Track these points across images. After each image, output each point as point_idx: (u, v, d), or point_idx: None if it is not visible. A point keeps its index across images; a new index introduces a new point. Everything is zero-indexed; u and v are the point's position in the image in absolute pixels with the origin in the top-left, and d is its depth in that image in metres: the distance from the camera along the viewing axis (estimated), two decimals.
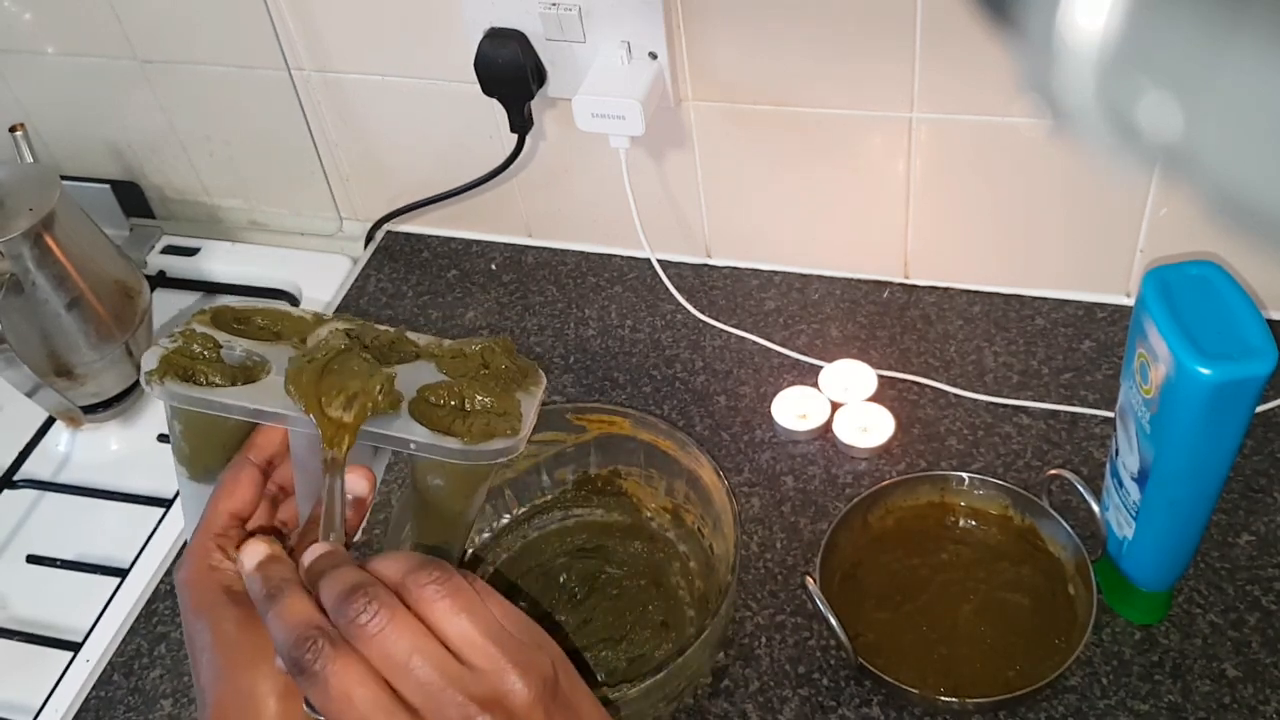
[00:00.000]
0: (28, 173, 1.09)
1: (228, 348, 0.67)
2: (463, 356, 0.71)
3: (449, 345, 0.72)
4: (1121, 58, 0.23)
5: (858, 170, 1.05)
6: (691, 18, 0.98)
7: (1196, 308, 0.70)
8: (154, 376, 0.64)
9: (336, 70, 1.15)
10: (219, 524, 0.65)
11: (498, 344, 0.72)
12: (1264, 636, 0.83)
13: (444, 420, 0.66)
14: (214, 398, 0.64)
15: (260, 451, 0.67)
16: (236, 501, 0.65)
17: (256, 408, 0.64)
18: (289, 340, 0.69)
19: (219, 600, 0.62)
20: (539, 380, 0.71)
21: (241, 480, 0.66)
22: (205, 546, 0.64)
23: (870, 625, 0.86)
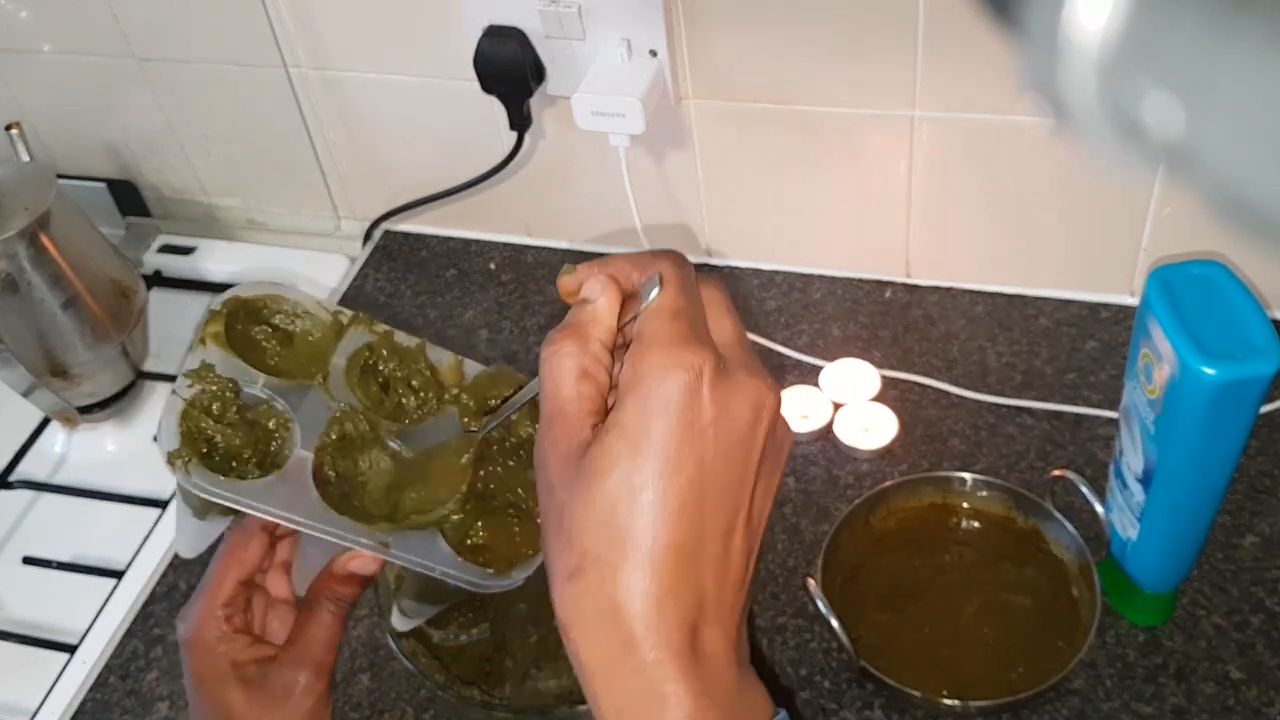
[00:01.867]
0: (24, 171, 1.08)
1: (247, 385, 0.64)
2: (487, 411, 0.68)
3: (472, 384, 0.68)
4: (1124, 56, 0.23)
5: (859, 169, 1.04)
6: (692, 15, 0.97)
7: (1201, 307, 0.70)
8: (179, 460, 0.61)
9: (334, 68, 1.14)
10: (226, 592, 0.64)
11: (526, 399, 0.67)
12: (1268, 639, 0.83)
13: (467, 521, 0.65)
14: (242, 495, 0.61)
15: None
16: (245, 569, 0.65)
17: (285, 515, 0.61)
18: (308, 366, 0.66)
19: (226, 677, 0.63)
20: None
21: (251, 547, 0.66)
22: (212, 614, 0.64)
23: (872, 627, 0.85)
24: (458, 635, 0.89)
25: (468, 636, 0.89)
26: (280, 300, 0.68)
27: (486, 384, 0.69)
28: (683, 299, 0.49)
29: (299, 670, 0.63)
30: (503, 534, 0.65)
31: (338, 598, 0.65)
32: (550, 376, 0.49)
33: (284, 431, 0.64)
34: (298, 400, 0.65)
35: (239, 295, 0.67)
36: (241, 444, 0.63)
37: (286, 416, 0.64)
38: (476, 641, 0.89)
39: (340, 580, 0.65)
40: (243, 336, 0.67)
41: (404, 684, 0.89)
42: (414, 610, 0.74)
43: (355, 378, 0.67)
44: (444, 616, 0.89)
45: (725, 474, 0.47)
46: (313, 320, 0.69)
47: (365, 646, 0.91)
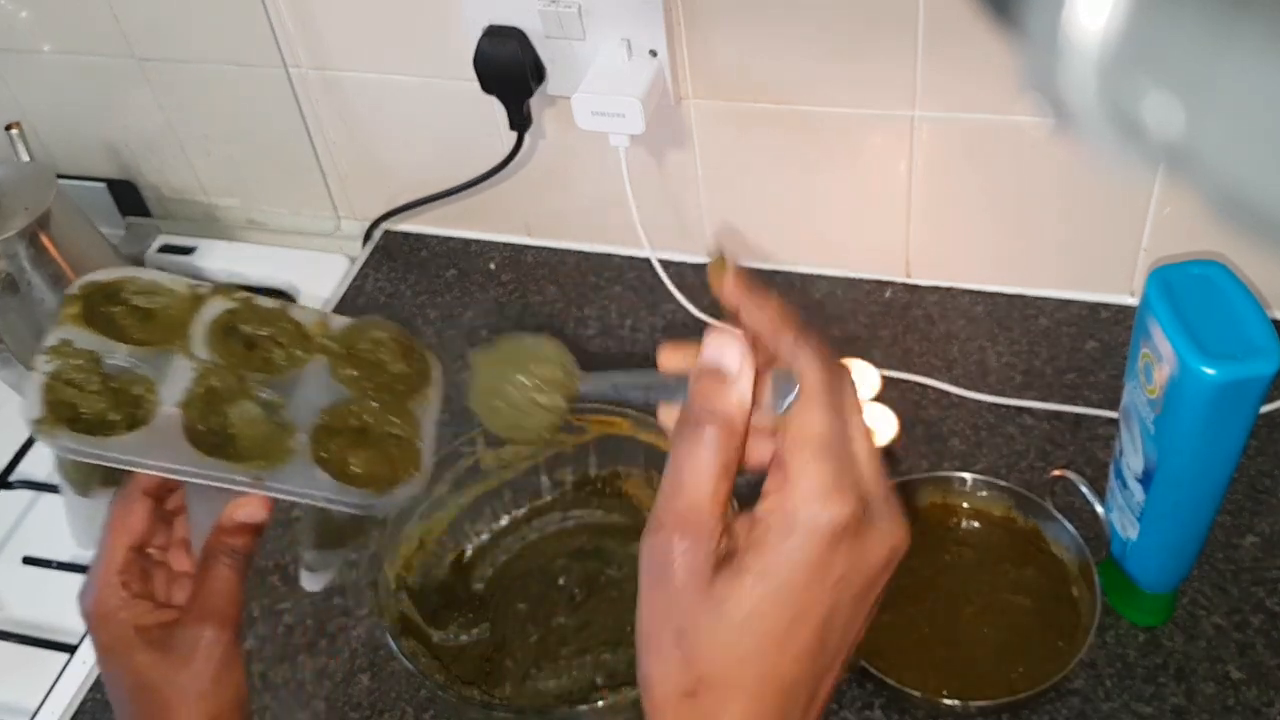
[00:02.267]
0: (24, 171, 1.08)
1: (108, 357, 0.65)
2: (356, 356, 0.70)
3: (339, 334, 0.70)
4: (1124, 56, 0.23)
5: (859, 169, 1.04)
6: (692, 15, 0.98)
7: (1201, 307, 0.70)
8: (43, 428, 0.61)
9: (334, 68, 1.14)
10: (119, 560, 0.65)
11: (392, 339, 0.70)
12: (1268, 638, 0.83)
13: (343, 450, 0.66)
14: (109, 451, 0.62)
15: (151, 479, 0.66)
16: (133, 536, 0.65)
17: (157, 464, 0.63)
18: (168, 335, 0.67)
19: (132, 643, 0.63)
20: (432, 379, 0.71)
21: (135, 512, 0.66)
22: (109, 583, 0.64)
23: (872, 627, 0.85)
24: (458, 635, 0.89)
25: (468, 636, 0.89)
26: (135, 281, 0.69)
27: (354, 333, 0.70)
28: (829, 419, 0.47)
29: (202, 626, 0.63)
30: (381, 461, 0.66)
31: (231, 550, 0.65)
32: (690, 468, 0.47)
33: (150, 394, 0.65)
34: (161, 365, 0.65)
35: (94, 279, 0.68)
36: (107, 407, 0.63)
37: (150, 379, 0.65)
38: (476, 641, 0.89)
39: (230, 532, 0.65)
40: (102, 317, 0.67)
41: (404, 684, 0.89)
42: (317, 561, 0.72)
43: (217, 339, 0.67)
44: (443, 617, 0.89)
45: (849, 618, 0.48)
46: (170, 295, 0.69)
47: (365, 647, 0.92)
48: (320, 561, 0.72)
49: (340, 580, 0.96)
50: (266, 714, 0.89)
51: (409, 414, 0.68)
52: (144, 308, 0.68)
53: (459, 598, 0.92)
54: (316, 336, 0.70)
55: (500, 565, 0.94)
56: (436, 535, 0.92)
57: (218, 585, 0.64)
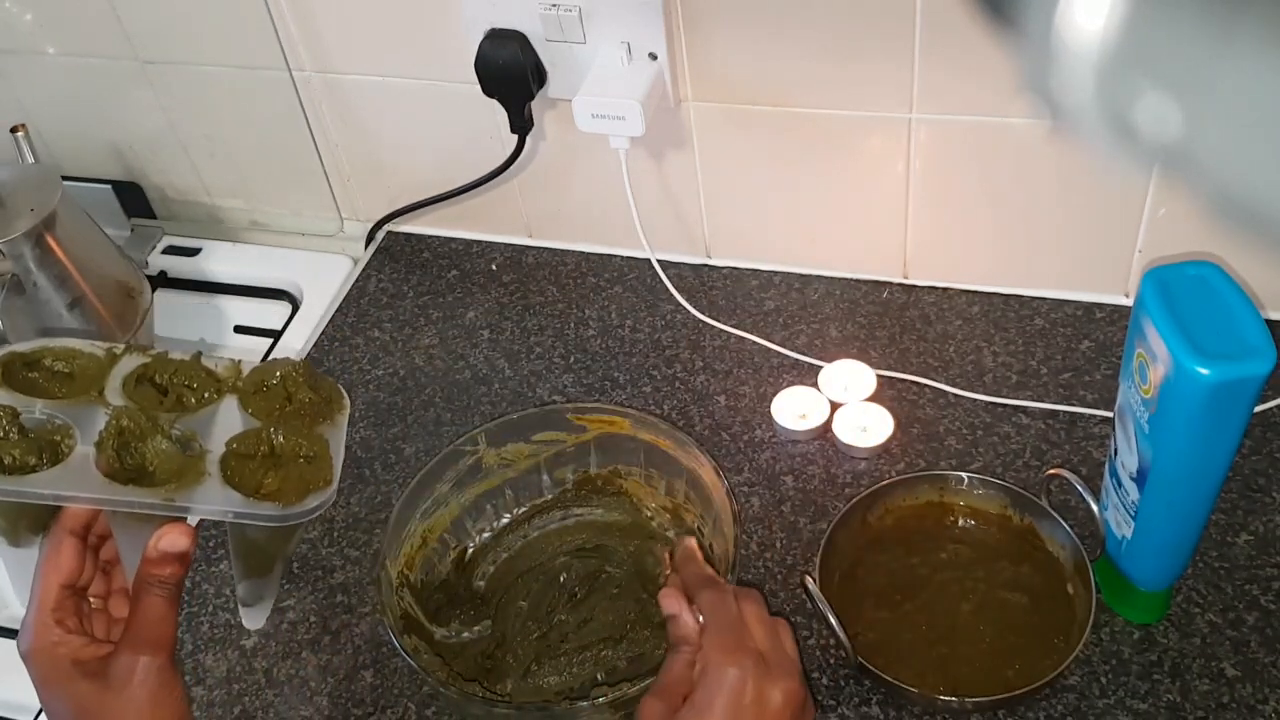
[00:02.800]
0: (29, 173, 1.09)
1: (27, 412, 0.69)
2: (264, 391, 0.74)
3: (249, 375, 0.74)
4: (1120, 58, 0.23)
5: (857, 171, 1.05)
6: (691, 19, 0.98)
7: (1195, 308, 0.70)
8: None
9: (337, 71, 1.15)
10: (52, 599, 0.67)
11: (297, 371, 0.74)
12: (1263, 636, 0.84)
13: (256, 474, 0.70)
14: (29, 488, 0.66)
15: (75, 519, 0.69)
16: (64, 574, 0.68)
17: (71, 494, 0.67)
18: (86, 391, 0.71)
19: (70, 674, 0.66)
20: (343, 405, 0.75)
21: (63, 552, 0.68)
22: (44, 622, 0.67)
23: (870, 624, 0.86)
24: (459, 632, 0.89)
25: (469, 634, 0.89)
26: (51, 349, 0.73)
27: (262, 372, 0.74)
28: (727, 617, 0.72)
29: (138, 652, 0.65)
30: (292, 478, 0.70)
31: (160, 580, 0.67)
32: (675, 670, 0.71)
33: (68, 439, 0.69)
34: (79, 416, 0.69)
35: (13, 349, 0.73)
36: (25, 453, 0.67)
37: (68, 426, 0.69)
38: (478, 639, 0.89)
39: (155, 563, 0.67)
40: (22, 381, 0.71)
41: (406, 680, 0.90)
42: (249, 594, 0.76)
43: (131, 387, 0.71)
44: (444, 614, 0.89)
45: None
46: (87, 358, 0.73)
47: (368, 644, 0.92)
48: (252, 593, 0.76)
49: (344, 577, 0.96)
50: (270, 710, 0.89)
51: (316, 436, 0.72)
52: (62, 371, 0.73)
53: (461, 595, 0.92)
54: (227, 379, 0.74)
55: (502, 563, 0.95)
56: (438, 533, 0.92)
57: (150, 614, 0.67)
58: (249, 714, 0.89)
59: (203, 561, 0.99)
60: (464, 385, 1.11)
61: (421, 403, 1.09)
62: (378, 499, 1.02)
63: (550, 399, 1.08)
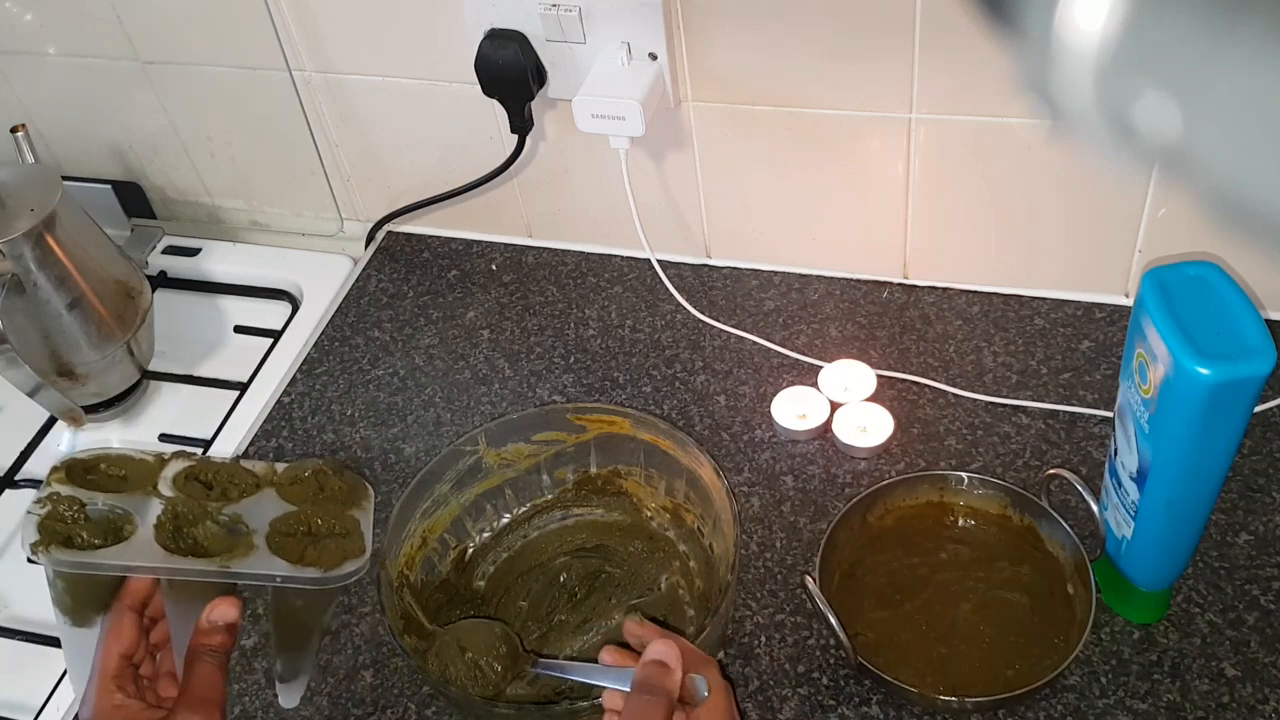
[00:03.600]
0: (29, 173, 1.09)
1: (91, 504, 0.76)
2: (300, 482, 0.81)
3: (283, 471, 0.82)
4: (1120, 58, 0.23)
5: (857, 171, 1.05)
6: (691, 19, 0.98)
7: (1195, 308, 0.70)
8: (40, 547, 0.73)
9: (337, 71, 1.15)
10: (113, 666, 0.73)
11: (327, 465, 0.82)
12: (1263, 636, 0.84)
13: (297, 548, 0.77)
14: (99, 559, 0.74)
15: (134, 596, 0.76)
16: (124, 644, 0.74)
17: (139, 564, 0.74)
18: (141, 487, 0.78)
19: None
20: (368, 494, 0.83)
21: (125, 624, 0.75)
22: (106, 688, 0.73)
23: (869, 624, 0.86)
24: None
25: None
26: (108, 456, 0.80)
27: (295, 468, 0.82)
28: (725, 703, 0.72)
29: (193, 712, 0.71)
30: (330, 550, 0.77)
31: (211, 649, 0.73)
32: None
33: (128, 525, 0.76)
34: (136, 505, 0.77)
35: (74, 456, 0.80)
36: (93, 535, 0.75)
37: (129, 513, 0.77)
38: None
39: (207, 633, 0.74)
40: (83, 483, 0.78)
41: (406, 680, 0.90)
42: (287, 668, 0.82)
43: (181, 483, 0.79)
44: (445, 614, 0.89)
45: None
46: (137, 463, 0.81)
47: (368, 643, 0.92)
48: (290, 669, 0.82)
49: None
50: (270, 710, 0.89)
51: (348, 517, 0.80)
52: (117, 475, 0.80)
53: (461, 595, 0.92)
54: (265, 476, 0.82)
55: (502, 563, 0.95)
56: (439, 533, 0.92)
57: (202, 678, 0.72)
58: (249, 714, 0.89)
59: None
60: (464, 385, 1.11)
61: (421, 403, 1.09)
62: (378, 499, 1.01)
63: (550, 399, 1.08)
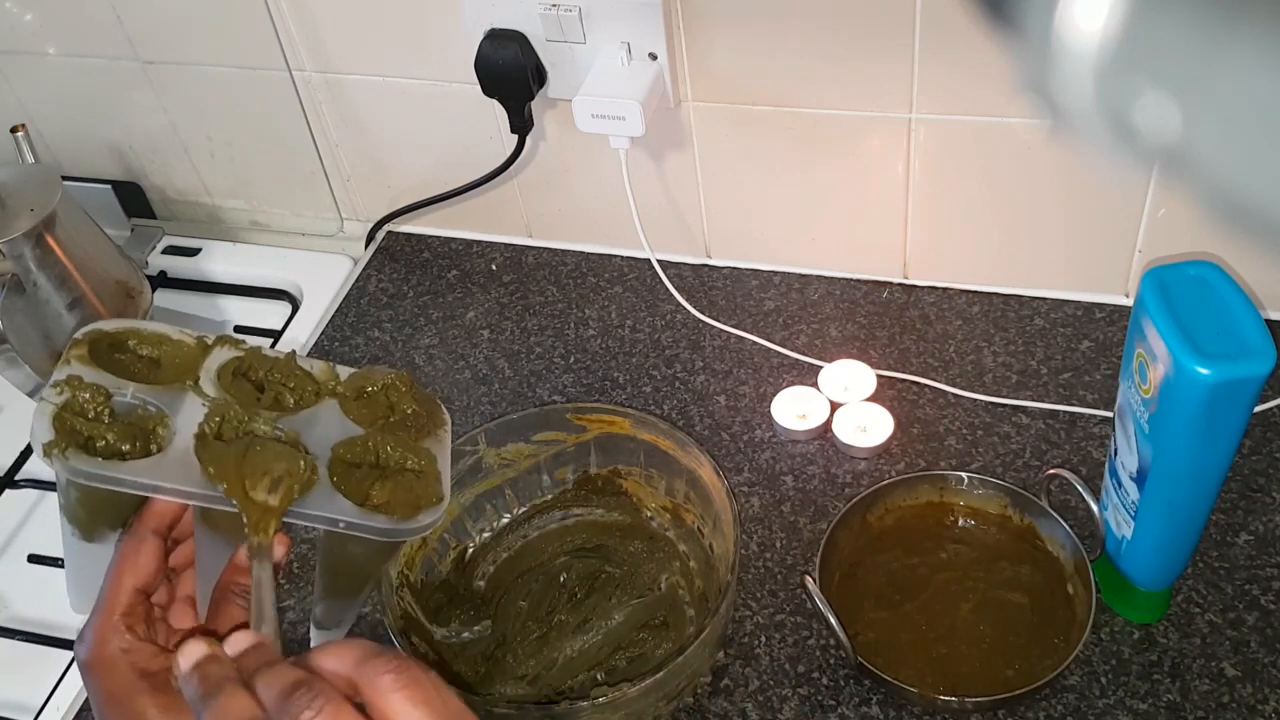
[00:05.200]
0: (29, 173, 1.09)
1: (119, 394, 0.63)
2: (366, 398, 0.69)
3: (348, 380, 0.70)
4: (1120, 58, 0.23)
5: (857, 171, 1.05)
6: (691, 19, 0.98)
7: (1195, 308, 0.70)
8: (53, 449, 0.59)
9: (337, 71, 1.15)
10: (124, 602, 0.61)
11: (399, 380, 0.70)
12: (1263, 636, 0.84)
13: (364, 485, 0.64)
14: (125, 475, 0.59)
15: (159, 518, 0.63)
16: (141, 576, 0.61)
17: (173, 487, 0.60)
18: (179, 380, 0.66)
19: (137, 688, 0.59)
20: (444, 420, 0.70)
21: (144, 551, 0.62)
22: (113, 627, 0.60)
23: (869, 624, 0.86)
24: (460, 632, 0.89)
25: (470, 633, 0.89)
26: (140, 331, 0.68)
27: (360, 379, 0.70)
28: None
29: None
30: (401, 491, 0.65)
31: (245, 591, 0.61)
32: None
33: (162, 427, 0.63)
34: (172, 403, 0.63)
35: (99, 328, 0.66)
36: (119, 439, 0.61)
37: (163, 414, 0.63)
38: (478, 638, 0.89)
39: (245, 572, 0.61)
40: (109, 362, 0.65)
41: None
42: (328, 615, 0.70)
43: (227, 381, 0.66)
44: (444, 614, 0.90)
45: None
46: (176, 345, 0.68)
47: None
48: (331, 616, 0.70)
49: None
50: None
51: (423, 450, 0.68)
52: (149, 357, 0.67)
53: (461, 595, 0.92)
54: (325, 382, 0.69)
55: (502, 563, 0.95)
56: (438, 533, 0.92)
57: (231, 624, 0.61)
58: None
59: None
60: (464, 385, 1.11)
61: None
62: None
63: (550, 399, 1.08)
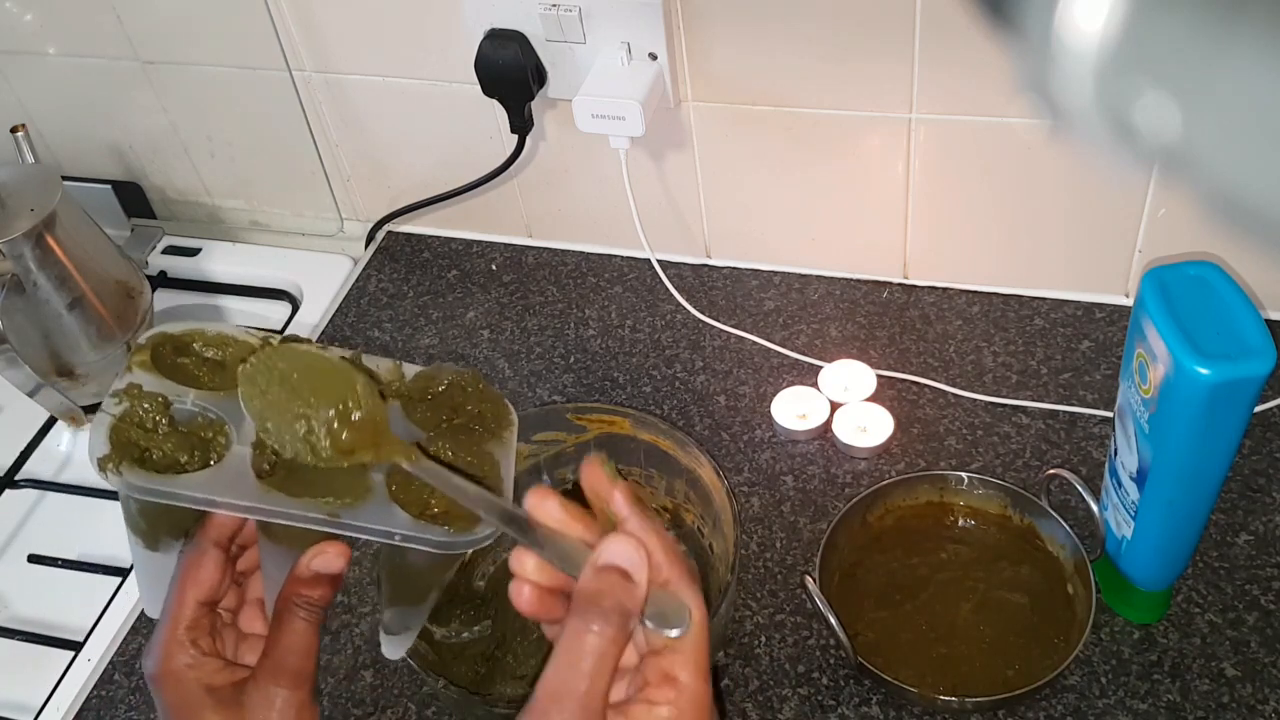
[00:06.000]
0: (29, 173, 1.09)
1: (179, 402, 0.62)
2: (430, 399, 0.68)
3: (413, 380, 0.68)
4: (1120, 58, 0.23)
5: (857, 171, 1.05)
6: (691, 19, 0.98)
7: (1195, 308, 0.70)
8: (110, 464, 0.58)
9: (337, 71, 1.15)
10: (188, 616, 0.61)
11: (465, 379, 0.68)
12: (1263, 636, 0.84)
13: (422, 493, 0.62)
14: (178, 489, 0.58)
15: (220, 529, 0.63)
16: (204, 588, 0.62)
17: (226, 501, 0.59)
18: None
19: (202, 702, 0.60)
20: (510, 421, 0.68)
21: (205, 564, 0.62)
22: (178, 641, 0.61)
23: (869, 624, 0.86)
24: (459, 632, 0.89)
25: (469, 633, 0.89)
26: (203, 334, 0.67)
27: (426, 379, 0.68)
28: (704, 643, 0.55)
29: (277, 683, 0.59)
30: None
31: (307, 603, 0.61)
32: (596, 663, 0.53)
33: (221, 436, 0.62)
34: (233, 411, 0.62)
35: (164, 330, 0.66)
36: (176, 449, 0.61)
37: (222, 422, 0.62)
38: (478, 638, 0.89)
39: (306, 584, 0.61)
40: (171, 366, 0.65)
41: (406, 680, 0.90)
42: (395, 622, 0.69)
43: None
44: (444, 613, 0.89)
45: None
46: (240, 346, 0.66)
47: (368, 644, 0.92)
48: (399, 622, 0.68)
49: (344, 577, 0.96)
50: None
51: (487, 455, 0.66)
52: (214, 359, 0.66)
53: (461, 595, 0.92)
54: (390, 382, 0.67)
55: (501, 563, 0.95)
56: None
57: (292, 640, 0.60)
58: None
59: None
60: None
61: None
62: None
63: (550, 399, 1.08)
